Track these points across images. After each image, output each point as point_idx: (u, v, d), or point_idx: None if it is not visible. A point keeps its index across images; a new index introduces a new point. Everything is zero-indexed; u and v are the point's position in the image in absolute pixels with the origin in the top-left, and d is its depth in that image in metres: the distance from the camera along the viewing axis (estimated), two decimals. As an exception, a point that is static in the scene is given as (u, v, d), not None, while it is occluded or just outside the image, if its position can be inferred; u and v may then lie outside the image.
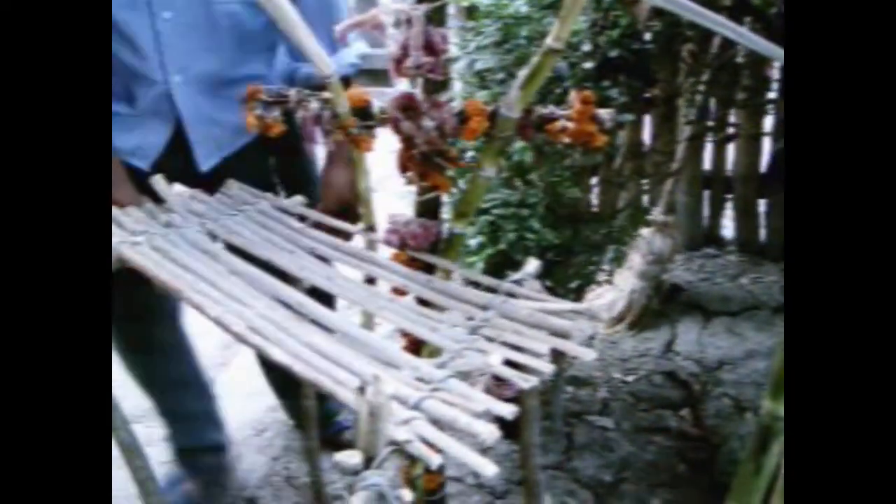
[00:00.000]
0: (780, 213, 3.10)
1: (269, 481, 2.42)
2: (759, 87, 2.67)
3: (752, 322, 2.94)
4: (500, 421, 2.26)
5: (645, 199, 2.84)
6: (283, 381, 2.33)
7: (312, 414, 2.08)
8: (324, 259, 1.51)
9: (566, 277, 2.14)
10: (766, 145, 3.08)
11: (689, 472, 2.39)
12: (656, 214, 2.81)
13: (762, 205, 3.18)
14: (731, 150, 3.10)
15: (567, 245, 2.05)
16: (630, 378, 2.73)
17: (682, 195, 3.06)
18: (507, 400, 2.13)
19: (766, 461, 1.19)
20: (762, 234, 3.21)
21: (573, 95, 1.35)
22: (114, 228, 1.43)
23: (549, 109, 1.40)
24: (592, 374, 2.73)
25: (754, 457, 1.20)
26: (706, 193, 3.20)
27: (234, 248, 1.51)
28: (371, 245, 1.53)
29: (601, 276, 2.34)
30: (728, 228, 3.33)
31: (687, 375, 2.71)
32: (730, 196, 3.20)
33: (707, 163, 3.14)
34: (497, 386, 2.26)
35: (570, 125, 1.35)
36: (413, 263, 1.52)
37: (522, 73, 1.31)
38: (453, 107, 1.41)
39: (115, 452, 1.39)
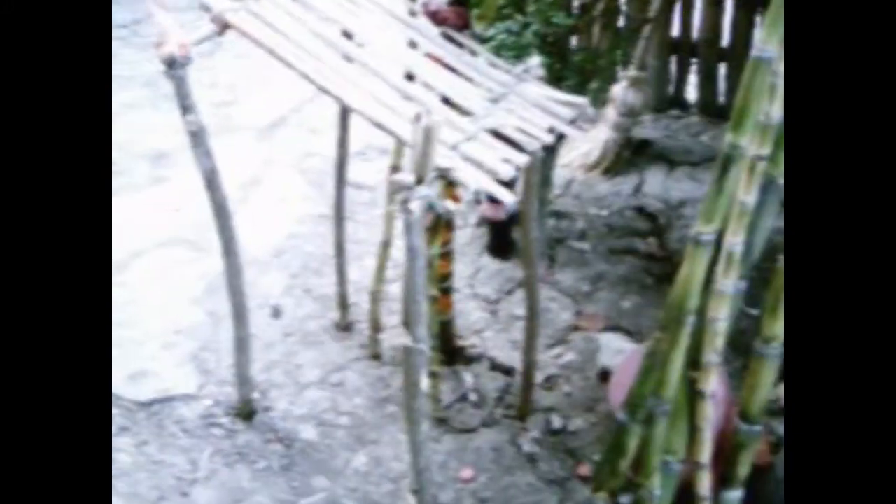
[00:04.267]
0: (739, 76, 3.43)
1: (290, 293, 2.76)
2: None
3: (710, 171, 3.26)
4: (496, 239, 2.74)
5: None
6: None
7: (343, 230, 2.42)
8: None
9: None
10: (729, 12, 3.38)
11: (655, 283, 2.78)
12: (629, 70, 3.14)
13: (723, 69, 3.51)
14: (696, 16, 3.41)
15: (558, 72, 2.38)
16: (604, 212, 3.09)
17: (651, 60, 3.37)
18: (496, 221, 2.60)
19: (727, 184, 1.55)
20: (722, 97, 3.55)
21: None
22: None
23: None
24: (571, 210, 3.09)
25: (718, 180, 1.56)
26: (673, 59, 3.53)
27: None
28: (412, 13, 1.86)
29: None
30: (692, 92, 3.67)
31: (654, 210, 3.08)
32: (694, 61, 3.53)
33: (675, 30, 3.46)
34: (492, 207, 2.67)
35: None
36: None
37: None
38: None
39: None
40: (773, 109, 1.49)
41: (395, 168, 2.18)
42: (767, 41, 1.43)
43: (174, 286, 2.74)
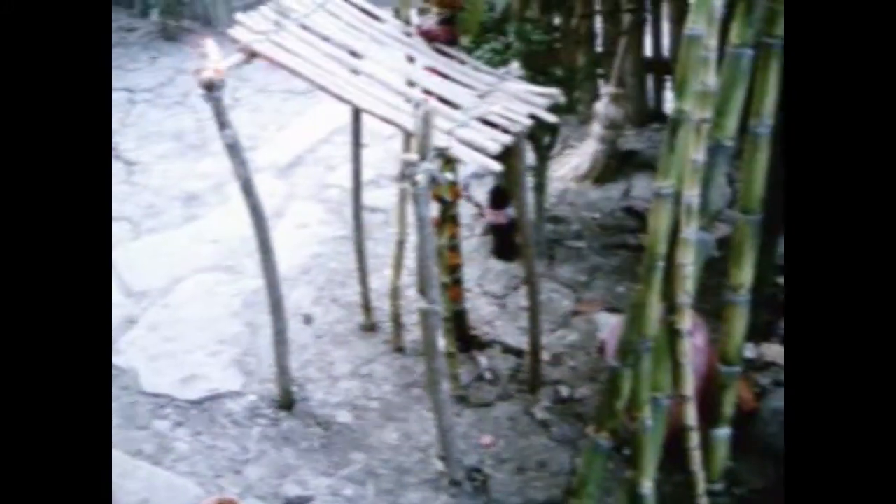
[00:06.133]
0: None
1: (319, 303, 3.07)
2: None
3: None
4: (500, 243, 3.10)
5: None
6: None
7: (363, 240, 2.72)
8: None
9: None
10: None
11: (647, 270, 3.05)
12: (609, 87, 3.48)
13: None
14: (666, 37, 3.75)
15: (541, 85, 2.71)
16: (597, 215, 3.40)
17: (629, 78, 3.71)
18: (499, 226, 2.96)
19: (677, 144, 1.86)
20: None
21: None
22: (244, 30, 2.08)
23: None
24: (567, 215, 3.40)
25: (669, 141, 1.86)
26: (650, 77, 3.86)
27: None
28: (407, 34, 2.20)
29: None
30: (670, 106, 3.99)
31: (641, 209, 3.38)
32: (669, 77, 3.86)
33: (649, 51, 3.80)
34: (495, 213, 3.02)
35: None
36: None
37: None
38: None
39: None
40: (708, 79, 1.80)
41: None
42: (696, 21, 1.75)
43: (215, 304, 3.05)
